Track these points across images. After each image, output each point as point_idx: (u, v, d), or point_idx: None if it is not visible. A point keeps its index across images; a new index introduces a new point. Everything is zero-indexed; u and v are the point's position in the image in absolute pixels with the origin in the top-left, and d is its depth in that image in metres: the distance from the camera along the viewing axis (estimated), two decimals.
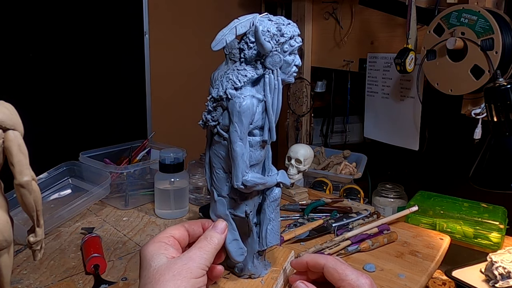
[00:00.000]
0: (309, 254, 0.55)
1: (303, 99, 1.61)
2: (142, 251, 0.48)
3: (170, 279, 0.44)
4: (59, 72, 1.28)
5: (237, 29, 0.52)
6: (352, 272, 0.50)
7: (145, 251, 0.48)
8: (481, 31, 0.95)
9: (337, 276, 0.50)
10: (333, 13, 1.47)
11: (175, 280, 0.44)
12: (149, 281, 0.45)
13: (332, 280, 0.51)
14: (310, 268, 0.54)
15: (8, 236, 0.46)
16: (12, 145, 0.43)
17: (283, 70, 0.54)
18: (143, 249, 0.49)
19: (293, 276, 0.56)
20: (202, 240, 0.50)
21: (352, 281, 0.49)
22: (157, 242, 0.49)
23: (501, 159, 0.87)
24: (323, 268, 0.52)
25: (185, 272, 0.45)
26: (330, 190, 1.23)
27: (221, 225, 0.53)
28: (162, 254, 0.47)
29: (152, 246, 0.48)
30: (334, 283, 0.51)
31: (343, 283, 0.50)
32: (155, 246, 0.48)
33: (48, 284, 0.74)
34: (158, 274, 0.45)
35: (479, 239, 0.96)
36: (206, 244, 0.50)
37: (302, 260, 0.55)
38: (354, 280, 0.49)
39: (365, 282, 0.49)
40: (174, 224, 0.54)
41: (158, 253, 0.47)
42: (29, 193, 0.45)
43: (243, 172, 0.52)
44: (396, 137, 1.34)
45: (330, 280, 0.52)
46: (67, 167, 1.13)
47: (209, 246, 0.50)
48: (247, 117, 0.51)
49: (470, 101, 1.04)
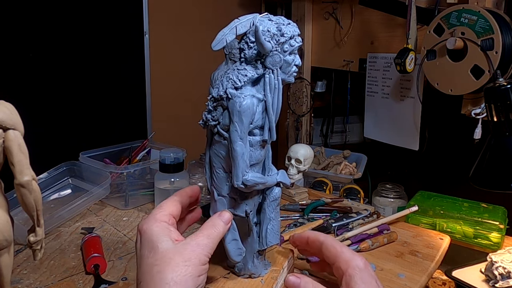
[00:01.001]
0: (311, 231, 0.58)
1: (303, 99, 1.61)
2: (144, 229, 0.49)
3: (181, 264, 0.46)
4: (59, 72, 1.28)
5: (238, 29, 0.52)
6: (348, 250, 0.52)
7: (149, 230, 0.49)
8: (481, 31, 0.95)
9: (334, 252, 0.52)
10: (333, 13, 1.47)
11: (185, 266, 0.46)
12: (157, 263, 0.46)
13: (328, 256, 0.53)
14: (310, 244, 0.57)
15: (8, 236, 0.46)
16: (12, 144, 0.43)
17: (283, 70, 0.54)
18: (146, 228, 0.49)
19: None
20: (210, 228, 0.51)
21: (347, 258, 0.51)
22: (159, 221, 0.50)
23: (501, 159, 0.87)
24: (321, 244, 0.54)
25: (195, 258, 0.47)
26: (330, 190, 1.23)
27: (227, 215, 0.54)
28: (167, 236, 0.48)
29: (156, 226, 0.49)
30: (330, 259, 0.53)
31: (339, 259, 0.51)
32: (159, 226, 0.49)
33: (48, 284, 0.74)
34: (168, 258, 0.46)
35: (479, 239, 0.96)
36: (213, 232, 0.51)
37: (303, 236, 0.58)
38: (349, 257, 0.51)
39: (360, 261, 0.51)
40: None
41: (163, 234, 0.48)
42: (29, 193, 0.45)
43: (243, 171, 0.52)
44: (396, 137, 1.34)
45: (326, 257, 0.54)
46: (67, 167, 1.13)
47: (215, 235, 0.51)
48: (247, 117, 0.51)
49: (470, 101, 1.04)
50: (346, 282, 0.50)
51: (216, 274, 0.59)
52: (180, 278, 0.45)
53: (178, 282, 0.45)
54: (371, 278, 0.50)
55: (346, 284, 0.50)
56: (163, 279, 0.45)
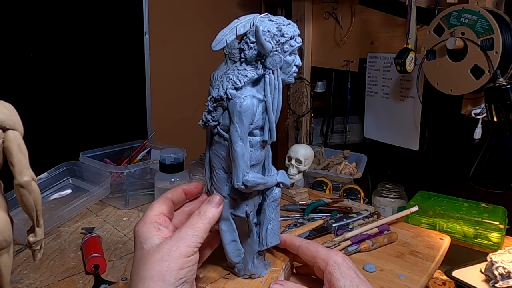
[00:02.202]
0: (286, 235, 0.60)
1: (303, 99, 1.61)
2: (136, 232, 0.49)
3: (159, 260, 0.45)
4: (59, 72, 1.28)
5: (238, 29, 0.52)
6: (323, 248, 0.53)
7: (138, 231, 0.48)
8: (481, 31, 0.95)
9: (310, 253, 0.54)
10: (333, 13, 1.47)
11: (163, 261, 0.45)
12: (140, 261, 0.46)
13: (306, 259, 0.54)
14: (287, 248, 0.58)
15: (8, 236, 0.46)
16: (12, 145, 0.43)
17: (283, 70, 0.53)
18: (136, 230, 0.49)
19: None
20: (195, 216, 0.50)
21: (323, 256, 0.52)
22: (149, 223, 0.49)
23: (501, 159, 0.87)
24: (298, 248, 0.56)
25: (174, 252, 0.45)
26: (330, 190, 1.23)
27: (216, 198, 0.53)
28: (154, 235, 0.47)
29: (146, 227, 0.48)
30: (309, 261, 0.54)
31: (316, 259, 0.52)
32: (147, 227, 0.48)
33: (48, 284, 0.74)
34: (149, 255, 0.46)
35: (479, 239, 0.96)
36: (198, 220, 0.49)
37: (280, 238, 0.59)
38: (326, 254, 0.52)
39: (337, 256, 0.52)
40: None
41: (151, 234, 0.47)
42: (28, 193, 0.45)
43: (243, 172, 0.52)
44: (396, 137, 1.34)
45: (305, 259, 0.55)
46: (67, 167, 1.13)
47: (202, 222, 0.49)
48: (247, 117, 0.51)
49: (470, 101, 1.04)
50: (328, 280, 0.50)
51: (216, 274, 0.59)
52: (156, 273, 0.44)
53: (154, 277, 0.44)
54: (350, 271, 0.50)
55: (328, 282, 0.50)
56: (142, 276, 0.45)
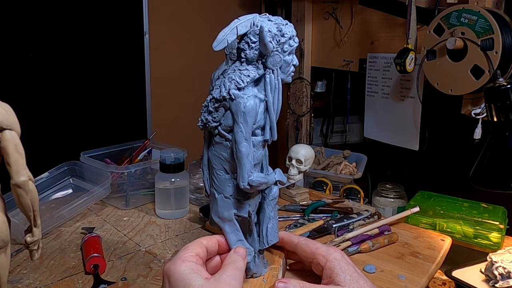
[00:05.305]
0: (284, 232, 0.60)
1: (303, 99, 1.61)
2: (174, 271, 0.47)
3: None
4: (59, 72, 1.28)
5: (238, 29, 0.52)
6: (322, 245, 0.54)
7: (178, 270, 0.47)
8: (481, 31, 0.95)
9: (309, 250, 0.54)
10: (333, 13, 1.47)
11: None
12: None
13: (305, 255, 0.55)
14: (285, 245, 0.59)
15: (5, 236, 0.46)
16: (8, 145, 0.43)
17: (282, 70, 0.54)
18: (174, 269, 0.47)
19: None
20: (232, 269, 0.50)
21: (323, 253, 0.53)
22: (187, 261, 0.48)
23: (501, 159, 0.87)
24: (296, 245, 0.56)
25: None
26: (330, 190, 1.23)
27: (242, 251, 0.53)
28: (197, 274, 0.47)
29: (185, 266, 0.47)
30: (308, 258, 0.55)
31: (316, 255, 0.53)
32: (188, 266, 0.48)
33: (47, 284, 0.74)
34: None
35: (479, 239, 0.95)
36: (237, 273, 0.50)
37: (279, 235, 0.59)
38: (325, 251, 0.53)
39: (336, 252, 0.53)
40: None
41: (194, 272, 0.47)
42: (25, 193, 0.45)
43: (249, 172, 0.52)
44: (396, 137, 1.34)
45: (303, 256, 0.56)
46: (68, 167, 1.13)
47: (240, 274, 0.50)
48: (251, 117, 0.51)
49: (470, 101, 1.04)
50: (327, 275, 0.51)
51: None
52: None
53: None
54: (349, 266, 0.52)
55: (327, 277, 0.51)
56: None
